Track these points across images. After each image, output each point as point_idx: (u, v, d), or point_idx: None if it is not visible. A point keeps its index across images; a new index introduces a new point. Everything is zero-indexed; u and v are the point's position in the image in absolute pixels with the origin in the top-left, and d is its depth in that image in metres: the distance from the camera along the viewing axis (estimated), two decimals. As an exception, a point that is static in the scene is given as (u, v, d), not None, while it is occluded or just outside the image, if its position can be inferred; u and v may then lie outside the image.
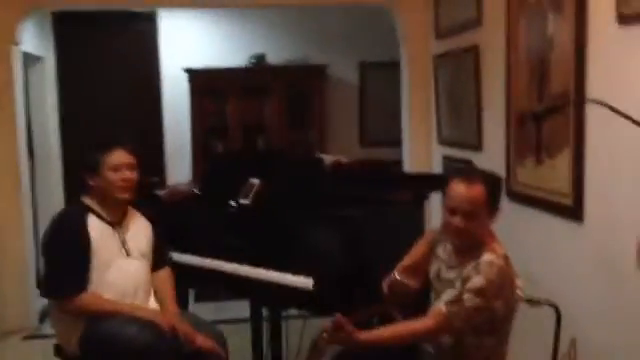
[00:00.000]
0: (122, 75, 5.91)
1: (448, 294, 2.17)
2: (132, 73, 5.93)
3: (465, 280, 2.14)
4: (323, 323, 2.15)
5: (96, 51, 5.89)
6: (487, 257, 2.15)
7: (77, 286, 2.51)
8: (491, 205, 2.21)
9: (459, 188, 2.19)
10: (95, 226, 2.59)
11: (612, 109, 2.17)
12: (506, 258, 2.21)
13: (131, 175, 2.63)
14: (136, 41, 5.96)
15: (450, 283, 2.23)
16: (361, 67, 6.23)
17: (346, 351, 2.42)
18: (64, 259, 2.54)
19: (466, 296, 2.11)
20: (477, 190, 2.17)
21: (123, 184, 2.61)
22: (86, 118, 5.76)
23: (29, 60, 5.14)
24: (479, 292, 2.10)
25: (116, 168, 2.60)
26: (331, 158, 3.62)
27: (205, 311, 3.76)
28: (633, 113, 2.15)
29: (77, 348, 2.54)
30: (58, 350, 2.69)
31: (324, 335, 2.02)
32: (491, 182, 2.24)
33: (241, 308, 3.75)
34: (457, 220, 2.18)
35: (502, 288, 2.14)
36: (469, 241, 2.22)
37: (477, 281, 2.11)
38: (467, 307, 2.10)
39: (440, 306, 2.15)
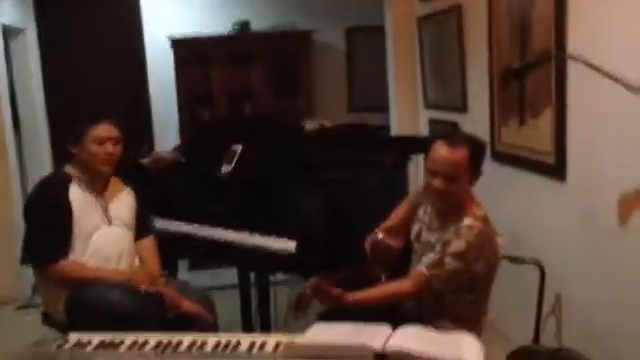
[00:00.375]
0: (105, 44, 5.84)
1: (429, 257, 2.19)
2: (115, 42, 5.86)
3: (446, 244, 2.16)
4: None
5: (78, 21, 5.80)
6: (467, 221, 2.17)
7: (56, 253, 2.51)
8: (473, 169, 2.21)
9: (442, 151, 2.18)
10: (77, 195, 2.59)
11: (589, 65, 2.16)
12: (485, 219, 2.22)
13: (114, 149, 2.62)
14: (119, 10, 5.87)
15: (430, 245, 2.25)
16: (348, 32, 6.16)
17: (331, 309, 2.46)
18: (43, 226, 2.54)
19: (447, 260, 2.13)
20: (460, 154, 2.17)
21: (106, 157, 2.60)
22: (71, 88, 5.70)
23: (10, 32, 5.08)
24: (459, 256, 2.12)
25: (100, 141, 2.59)
26: (315, 123, 3.61)
27: (199, 279, 3.78)
28: (614, 69, 2.15)
29: (63, 315, 2.55)
30: (46, 318, 2.70)
31: (307, 292, 2.04)
32: (474, 146, 2.23)
33: (234, 275, 3.77)
34: (437, 182, 2.18)
35: (482, 250, 2.17)
36: (449, 203, 2.23)
37: (457, 245, 2.13)
38: (447, 270, 2.13)
39: (421, 268, 2.17)
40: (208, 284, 3.55)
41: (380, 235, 2.44)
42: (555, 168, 2.85)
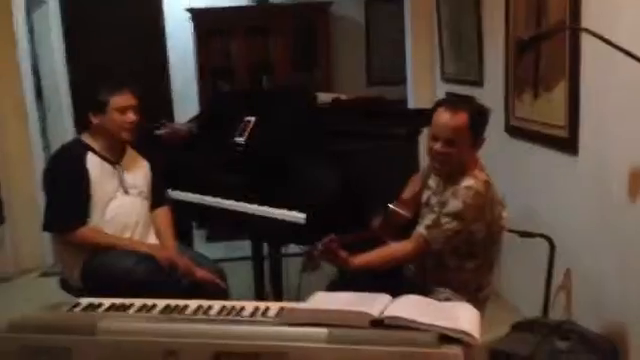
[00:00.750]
0: (126, 15, 5.88)
1: (427, 218, 2.23)
2: (136, 13, 5.90)
3: (443, 204, 2.21)
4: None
5: (99, -8, 5.86)
6: (466, 182, 2.21)
7: (75, 220, 2.59)
8: (474, 134, 2.24)
9: (443, 115, 2.23)
10: (94, 164, 2.66)
11: (600, 38, 2.14)
12: (487, 184, 2.24)
13: (134, 117, 2.69)
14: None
15: (431, 208, 2.28)
16: (367, 4, 6.12)
17: (338, 280, 2.52)
18: (62, 194, 2.61)
19: (444, 219, 2.18)
20: (460, 118, 2.20)
21: (127, 125, 2.67)
22: (91, 59, 5.77)
23: (32, 4, 5.14)
24: (456, 215, 2.17)
25: (123, 110, 2.65)
26: (330, 95, 3.62)
27: (215, 251, 3.85)
28: (627, 43, 2.12)
29: (79, 280, 2.64)
30: (63, 283, 2.79)
31: (317, 250, 2.08)
32: (476, 111, 2.26)
33: (245, 247, 3.83)
34: (438, 146, 2.22)
35: (480, 211, 2.20)
36: (450, 167, 2.26)
37: (454, 205, 2.17)
38: (445, 229, 2.18)
39: (420, 230, 2.23)
40: (224, 256, 3.62)
41: (394, 206, 2.48)
42: (568, 142, 2.83)
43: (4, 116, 4.42)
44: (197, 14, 5.73)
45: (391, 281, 2.17)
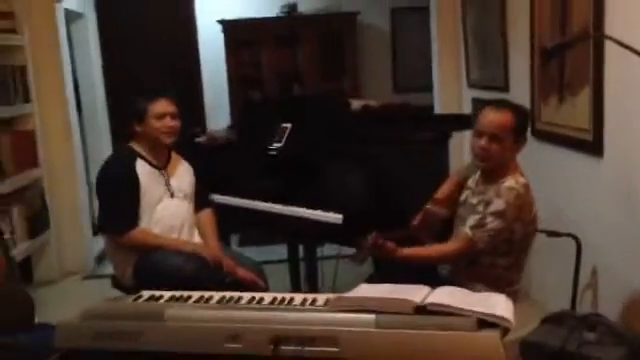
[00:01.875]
0: (159, 29, 6.11)
1: (472, 218, 2.37)
2: (169, 26, 6.13)
3: (487, 204, 2.34)
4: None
5: (134, 6, 6.08)
6: (508, 183, 2.35)
7: (128, 223, 2.77)
8: (516, 133, 2.39)
9: (488, 113, 2.39)
10: (143, 169, 2.84)
11: (623, 45, 2.26)
12: (526, 186, 2.38)
13: (173, 122, 2.86)
14: (172, -5, 6.15)
15: (473, 207, 2.43)
16: (392, 13, 6.27)
17: (374, 278, 2.66)
18: (116, 199, 2.80)
19: (488, 219, 2.31)
20: (505, 117, 2.37)
21: (166, 130, 2.84)
22: (127, 71, 6.00)
23: (71, 17, 5.35)
24: (500, 214, 2.30)
25: (160, 116, 2.83)
26: (360, 102, 3.77)
27: (248, 254, 3.98)
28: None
29: (131, 278, 2.81)
30: (115, 281, 2.97)
31: (368, 242, 2.22)
32: (519, 113, 2.42)
33: (282, 251, 3.98)
34: (482, 142, 2.37)
35: (521, 212, 2.34)
36: (492, 163, 2.40)
37: (498, 204, 2.31)
38: (489, 229, 2.31)
39: (466, 230, 2.36)
40: (256, 259, 3.76)
41: (430, 206, 2.63)
42: (593, 145, 2.94)
43: (50, 128, 4.63)
44: (228, 25, 5.92)
45: (426, 278, 2.30)
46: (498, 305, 1.71)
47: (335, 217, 2.83)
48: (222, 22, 5.93)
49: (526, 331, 2.52)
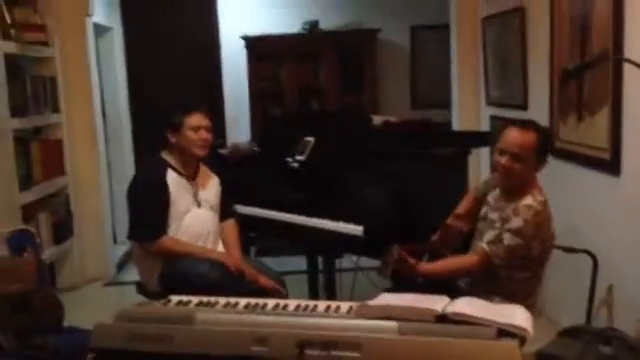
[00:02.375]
0: (184, 43, 6.24)
1: (489, 234, 2.43)
2: (193, 40, 6.25)
3: (505, 221, 2.40)
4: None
5: (159, 20, 6.24)
6: (526, 201, 2.40)
7: (159, 230, 2.86)
8: (538, 154, 2.44)
9: (512, 132, 2.44)
10: (173, 180, 2.93)
11: (638, 66, 2.33)
12: (544, 204, 2.44)
13: (207, 135, 2.96)
14: (196, 10, 6.27)
15: (491, 223, 2.49)
16: (412, 30, 6.36)
17: (394, 288, 2.72)
18: (147, 207, 2.89)
19: (505, 235, 2.37)
20: (528, 137, 2.42)
21: (201, 143, 2.94)
22: (151, 84, 6.14)
23: (99, 30, 5.50)
24: (517, 232, 2.35)
25: (196, 129, 2.93)
26: (381, 118, 3.86)
27: (265, 266, 4.06)
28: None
29: (157, 284, 2.90)
30: (140, 287, 3.06)
31: (393, 254, 2.29)
32: (543, 134, 2.47)
33: (298, 263, 4.06)
34: (504, 160, 2.42)
35: (539, 230, 2.39)
36: (512, 182, 2.46)
37: (516, 222, 2.36)
38: (506, 245, 2.37)
39: (483, 245, 2.42)
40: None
41: (449, 220, 2.69)
42: (610, 164, 3.00)
43: (77, 138, 4.77)
44: (251, 41, 6.04)
45: (444, 291, 2.36)
46: (517, 315, 1.77)
47: (356, 229, 2.90)
48: (245, 38, 6.05)
49: (541, 346, 2.57)
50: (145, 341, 1.81)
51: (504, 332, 1.70)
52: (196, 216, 2.97)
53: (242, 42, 6.06)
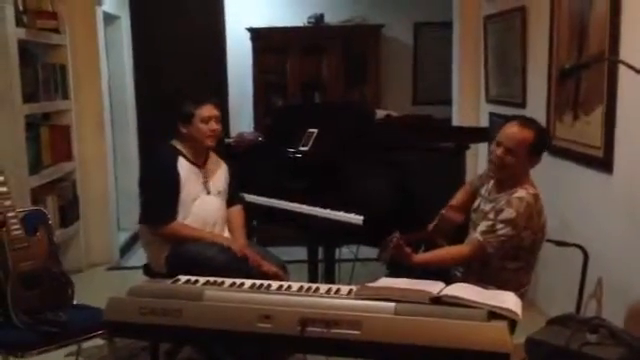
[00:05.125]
0: (190, 33, 6.32)
1: (483, 225, 2.53)
2: (199, 31, 6.34)
3: (498, 212, 2.51)
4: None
5: (166, 11, 6.32)
6: (518, 193, 2.52)
7: (169, 215, 2.97)
8: (532, 152, 2.55)
9: (512, 126, 2.56)
10: (183, 167, 3.04)
11: (635, 70, 2.43)
12: (536, 197, 2.55)
13: (217, 126, 3.07)
14: (203, 1, 6.35)
15: (484, 214, 2.59)
16: (415, 27, 6.45)
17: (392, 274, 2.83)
18: (159, 192, 3.00)
19: (498, 225, 2.48)
20: (526, 134, 2.53)
21: (211, 134, 3.05)
22: (156, 72, 6.24)
23: (107, 19, 5.57)
24: (510, 222, 2.46)
25: (206, 120, 3.03)
26: (383, 112, 3.96)
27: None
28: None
29: (164, 266, 3.00)
30: (147, 269, 3.16)
31: (393, 242, 2.39)
32: (540, 134, 2.58)
33: (299, 252, 4.16)
34: (499, 151, 2.53)
35: (530, 221, 2.50)
36: (504, 174, 2.56)
37: (508, 213, 2.47)
38: (499, 235, 2.48)
39: (476, 235, 2.52)
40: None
41: (445, 212, 2.80)
42: (603, 162, 3.10)
43: (85, 124, 4.87)
44: (257, 33, 6.12)
45: (440, 279, 2.47)
46: (507, 300, 1.88)
47: (356, 218, 3.01)
48: (251, 30, 6.13)
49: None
50: (156, 315, 1.93)
51: (495, 315, 1.82)
52: (205, 202, 3.07)
53: (247, 34, 6.14)
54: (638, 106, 2.83)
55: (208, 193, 3.09)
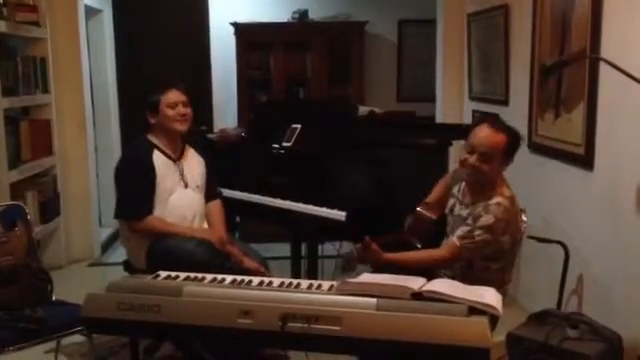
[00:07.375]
0: (173, 28, 6.27)
1: (461, 229, 2.52)
2: (182, 26, 6.29)
3: (476, 218, 2.49)
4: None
5: (149, 5, 6.26)
6: (496, 199, 2.49)
7: (144, 210, 2.94)
8: (505, 155, 2.53)
9: (484, 131, 2.50)
10: (159, 160, 3.00)
11: (616, 67, 2.44)
12: (512, 199, 2.54)
13: (185, 110, 3.04)
14: (187, -4, 6.33)
15: (462, 219, 2.58)
16: (399, 24, 6.45)
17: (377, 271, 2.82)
18: (134, 187, 2.96)
19: (477, 232, 2.47)
20: (499, 138, 2.49)
21: (180, 118, 3.02)
22: (139, 67, 6.17)
23: (89, 12, 5.51)
24: (488, 229, 2.45)
25: (172, 105, 3.01)
26: (366, 108, 3.96)
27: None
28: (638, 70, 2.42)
29: (144, 262, 2.98)
30: (127, 265, 3.13)
31: (355, 251, 2.39)
32: (513, 136, 2.54)
33: (282, 249, 4.15)
34: (473, 159, 2.50)
35: (508, 225, 2.49)
36: (480, 180, 2.55)
37: (486, 219, 2.46)
38: (477, 241, 2.47)
39: (454, 239, 2.51)
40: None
41: (420, 209, 2.79)
42: (584, 159, 3.12)
43: (65, 119, 4.82)
44: (240, 28, 6.08)
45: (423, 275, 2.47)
46: (487, 295, 1.88)
47: (339, 214, 3.01)
48: (235, 24, 6.09)
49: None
50: (134, 311, 1.91)
51: (475, 310, 1.82)
52: (182, 196, 3.04)
53: (231, 28, 6.11)
54: (619, 103, 2.86)
55: (185, 187, 3.06)
